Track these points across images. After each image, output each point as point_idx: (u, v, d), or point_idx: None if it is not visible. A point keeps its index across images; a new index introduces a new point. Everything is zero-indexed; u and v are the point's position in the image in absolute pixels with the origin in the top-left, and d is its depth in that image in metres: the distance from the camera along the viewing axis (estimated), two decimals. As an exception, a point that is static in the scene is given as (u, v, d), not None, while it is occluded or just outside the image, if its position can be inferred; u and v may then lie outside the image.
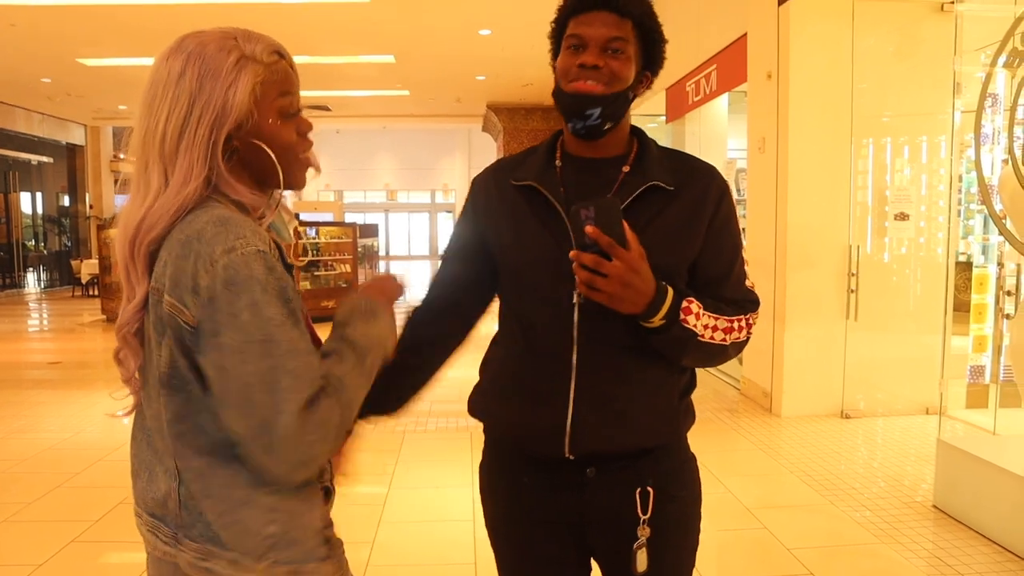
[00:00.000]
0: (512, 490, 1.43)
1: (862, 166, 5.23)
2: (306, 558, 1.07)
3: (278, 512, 1.06)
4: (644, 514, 1.35)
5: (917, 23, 5.06)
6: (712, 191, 1.36)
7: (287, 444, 0.98)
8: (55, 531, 3.37)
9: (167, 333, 1.03)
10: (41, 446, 4.73)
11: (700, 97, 6.96)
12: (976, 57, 3.75)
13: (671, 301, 1.26)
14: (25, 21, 8.61)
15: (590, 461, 1.35)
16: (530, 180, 1.35)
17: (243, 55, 1.07)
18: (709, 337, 1.31)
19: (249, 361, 0.98)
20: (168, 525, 1.08)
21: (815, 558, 3.06)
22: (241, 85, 1.06)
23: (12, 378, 7.18)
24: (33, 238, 17.05)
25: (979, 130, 3.47)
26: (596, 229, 1.18)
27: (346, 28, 8.74)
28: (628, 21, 1.30)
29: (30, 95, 13.52)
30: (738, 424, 5.07)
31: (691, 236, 1.33)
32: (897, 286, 5.28)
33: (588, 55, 1.29)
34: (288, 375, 0.98)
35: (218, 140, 1.05)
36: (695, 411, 1.46)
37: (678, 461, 1.43)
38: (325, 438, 1.01)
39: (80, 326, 10.99)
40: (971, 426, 3.82)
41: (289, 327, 1.00)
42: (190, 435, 1.06)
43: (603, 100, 1.30)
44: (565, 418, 1.31)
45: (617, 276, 1.19)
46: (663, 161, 1.37)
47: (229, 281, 0.98)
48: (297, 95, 1.14)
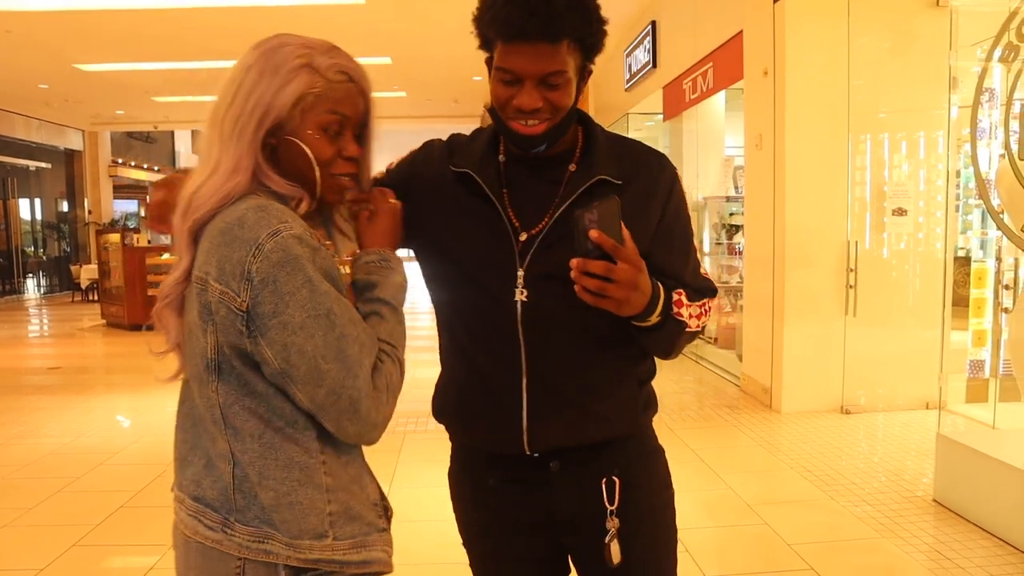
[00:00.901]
0: (478, 494, 1.40)
1: (860, 162, 5.23)
2: (368, 531, 1.13)
3: (336, 491, 1.10)
4: (611, 504, 1.32)
5: (912, 19, 5.07)
6: (662, 181, 1.31)
7: (366, 406, 1.06)
8: (56, 535, 3.37)
9: (212, 320, 1.06)
10: (42, 451, 4.73)
11: (697, 95, 6.96)
12: (972, 52, 3.75)
13: (664, 295, 1.23)
14: (21, 27, 8.61)
15: (553, 455, 1.32)
16: (469, 168, 1.28)
17: (308, 64, 1.11)
18: (694, 326, 1.30)
19: (316, 335, 1.03)
20: (217, 511, 1.10)
21: (816, 553, 3.06)
22: (290, 88, 1.10)
23: (12, 384, 7.18)
24: (32, 244, 17.04)
25: (975, 125, 3.47)
26: (601, 233, 1.11)
27: (342, 30, 8.74)
28: (564, 41, 1.16)
29: (28, 101, 13.52)
30: (738, 420, 5.07)
31: (643, 229, 1.26)
32: (896, 282, 5.29)
33: (525, 96, 1.18)
34: (354, 343, 1.06)
35: (260, 135, 1.11)
36: (657, 399, 1.43)
37: (644, 450, 1.41)
38: (392, 396, 1.10)
39: (80, 331, 10.99)
40: (971, 420, 3.82)
41: (343, 300, 1.08)
42: (244, 419, 1.08)
43: (548, 135, 1.22)
44: (521, 417, 1.28)
45: (626, 280, 1.14)
46: (611, 152, 1.31)
47: (281, 262, 1.03)
48: (353, 119, 1.16)
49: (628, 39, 9.11)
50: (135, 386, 6.93)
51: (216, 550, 1.09)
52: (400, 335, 1.17)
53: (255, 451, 1.08)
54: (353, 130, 1.17)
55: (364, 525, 1.13)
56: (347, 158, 1.17)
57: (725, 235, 7.43)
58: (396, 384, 1.12)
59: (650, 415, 1.41)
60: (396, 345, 1.14)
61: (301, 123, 1.12)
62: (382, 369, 1.10)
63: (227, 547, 1.08)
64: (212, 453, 1.11)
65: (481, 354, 1.31)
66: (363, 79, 1.17)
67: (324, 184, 1.15)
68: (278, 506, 1.07)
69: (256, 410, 1.08)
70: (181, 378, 1.20)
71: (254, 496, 1.08)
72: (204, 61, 10.36)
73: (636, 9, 8.46)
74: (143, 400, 6.30)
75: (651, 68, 8.23)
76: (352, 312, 1.09)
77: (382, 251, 1.22)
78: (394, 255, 1.23)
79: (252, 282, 1.03)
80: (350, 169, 1.18)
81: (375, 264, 1.19)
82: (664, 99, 8.03)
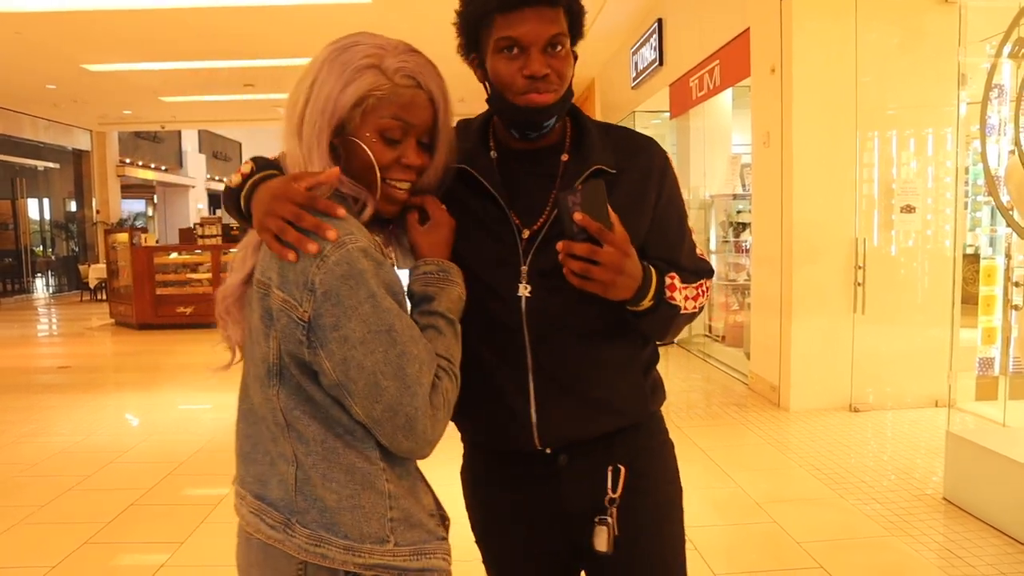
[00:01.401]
0: (489, 491, 1.40)
1: (867, 159, 5.21)
2: (427, 539, 1.12)
3: (397, 499, 1.10)
4: (613, 492, 1.31)
5: (920, 15, 5.04)
6: (655, 167, 1.32)
7: (422, 425, 1.04)
8: (68, 533, 3.39)
9: (274, 326, 1.06)
10: (52, 449, 4.76)
11: (704, 92, 6.95)
12: (981, 48, 3.73)
13: (656, 280, 1.23)
14: (30, 28, 8.65)
15: (562, 449, 1.32)
16: (465, 164, 1.27)
17: (376, 65, 1.10)
18: (690, 308, 1.30)
19: (376, 351, 1.02)
20: (279, 510, 1.09)
21: (825, 551, 3.06)
22: (352, 88, 1.09)
23: (23, 383, 7.22)
24: (41, 244, 17.13)
25: (985, 121, 3.46)
26: (585, 216, 1.12)
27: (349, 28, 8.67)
28: (560, 8, 1.19)
29: (36, 102, 13.58)
30: (746, 419, 5.07)
31: (640, 215, 1.28)
32: (904, 279, 5.27)
33: (534, 63, 1.18)
34: (414, 361, 1.04)
35: (327, 134, 1.10)
36: (663, 385, 1.42)
37: (652, 441, 1.40)
38: (448, 413, 1.10)
39: (89, 330, 11.04)
40: (981, 418, 3.80)
41: (405, 316, 1.07)
42: (305, 423, 1.08)
43: (557, 106, 1.22)
44: (529, 413, 1.28)
45: (611, 263, 1.15)
46: (602, 140, 1.31)
47: (345, 276, 1.01)
48: (417, 126, 1.13)
49: (634, 37, 9.09)
50: (144, 385, 6.97)
51: (277, 549, 1.09)
52: (457, 349, 1.15)
53: (318, 454, 1.07)
54: (418, 138, 1.14)
55: (424, 533, 1.12)
56: (407, 166, 1.14)
57: (732, 233, 7.42)
58: (452, 400, 1.11)
59: (658, 402, 1.40)
60: (453, 360, 1.13)
61: (361, 124, 1.11)
62: (439, 387, 1.08)
63: (288, 547, 1.08)
64: (274, 453, 1.10)
65: (487, 351, 1.29)
66: (434, 86, 1.14)
67: (379, 191, 1.13)
68: (340, 509, 1.07)
69: (318, 416, 1.08)
70: (232, 367, 1.24)
71: (315, 499, 1.07)
72: (211, 61, 10.39)
73: (642, 7, 8.44)
74: (152, 399, 6.33)
75: (657, 66, 8.22)
76: (414, 329, 1.07)
77: (440, 262, 1.18)
78: (453, 266, 1.19)
79: (315, 293, 1.02)
80: (407, 177, 1.15)
81: (433, 275, 1.16)
82: (671, 97, 8.01)
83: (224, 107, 14.61)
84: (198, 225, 11.42)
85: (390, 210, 1.17)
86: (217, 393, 6.45)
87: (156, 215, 21.96)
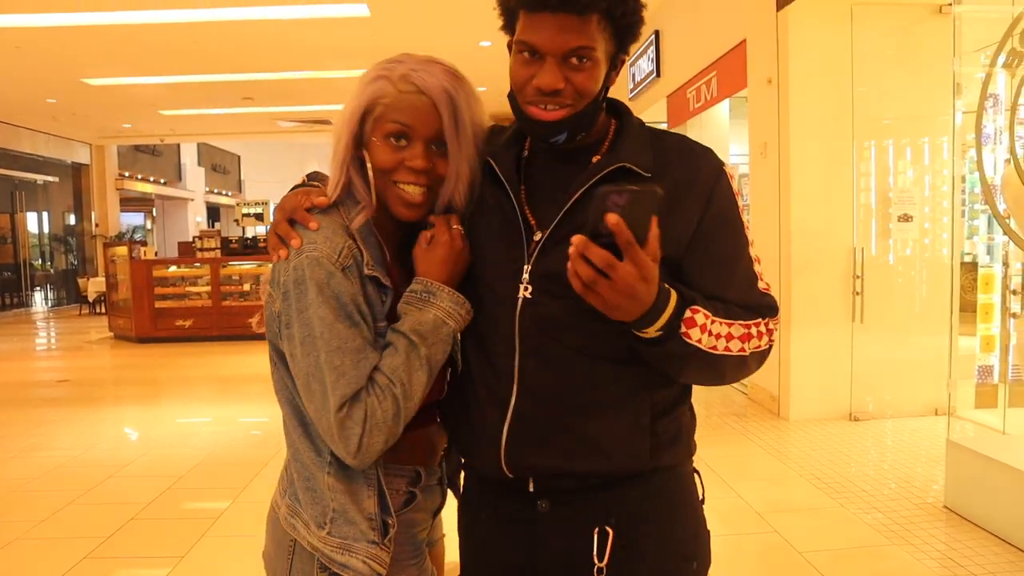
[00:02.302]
0: (474, 525, 1.29)
1: (864, 169, 5.23)
2: (358, 538, 1.17)
3: (337, 492, 1.17)
4: (599, 561, 1.12)
5: (915, 25, 5.08)
6: (702, 178, 1.13)
7: (335, 434, 1.10)
8: (68, 547, 3.38)
9: (266, 317, 1.21)
10: (52, 464, 4.74)
11: (701, 103, 6.98)
12: (976, 58, 3.76)
13: (673, 310, 1.04)
14: (30, 43, 8.69)
15: (541, 491, 1.16)
16: (489, 156, 1.19)
17: (384, 75, 1.16)
18: (724, 348, 1.08)
19: (309, 353, 1.11)
20: (284, 479, 1.26)
21: (827, 561, 3.05)
22: (362, 99, 1.16)
23: (22, 397, 7.20)
24: (40, 257, 17.14)
25: (980, 130, 3.48)
26: (620, 221, 0.93)
27: (347, 42, 8.79)
28: (593, 15, 1.04)
29: (35, 115, 13.62)
30: (746, 429, 5.06)
31: (674, 231, 1.08)
32: (903, 288, 5.28)
33: (545, 75, 1.06)
34: (333, 371, 1.10)
35: (350, 149, 1.19)
36: (690, 435, 1.23)
37: (656, 502, 1.18)
38: (375, 429, 1.10)
39: (88, 344, 11.03)
40: (981, 426, 3.80)
41: (344, 327, 1.11)
42: (284, 406, 1.22)
43: (568, 123, 1.10)
44: (501, 429, 1.13)
45: (624, 284, 0.96)
46: (643, 141, 1.16)
47: (297, 280, 1.13)
48: (419, 130, 1.15)
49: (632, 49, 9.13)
50: (143, 398, 6.95)
51: (276, 517, 1.26)
52: (406, 371, 1.12)
53: (291, 435, 1.21)
54: (425, 142, 1.16)
55: (357, 531, 1.17)
56: (413, 169, 1.16)
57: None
58: (382, 420, 1.10)
59: (674, 457, 1.20)
60: (395, 381, 1.11)
61: (372, 132, 1.18)
62: (363, 402, 1.10)
63: (280, 512, 1.24)
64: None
65: (475, 356, 1.20)
66: (439, 94, 1.14)
67: (385, 192, 1.19)
68: (302, 488, 1.20)
69: (292, 401, 1.20)
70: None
71: (292, 474, 1.22)
72: (210, 74, 10.44)
73: (639, 19, 8.48)
74: (151, 413, 6.32)
75: (655, 77, 8.26)
76: (351, 341, 1.11)
77: (428, 283, 1.17)
78: (441, 289, 1.16)
79: (279, 291, 1.16)
80: (415, 180, 1.17)
81: (415, 295, 1.16)
82: (668, 108, 8.05)
83: (223, 120, 14.67)
84: (197, 238, 11.44)
85: (405, 214, 1.20)
86: (216, 406, 6.44)
87: (155, 228, 21.98)
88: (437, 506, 1.34)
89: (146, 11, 7.60)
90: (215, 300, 10.23)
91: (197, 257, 10.79)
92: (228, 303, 10.15)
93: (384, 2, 7.54)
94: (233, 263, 10.51)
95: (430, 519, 1.33)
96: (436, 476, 1.32)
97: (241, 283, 10.40)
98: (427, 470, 1.28)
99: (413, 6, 7.62)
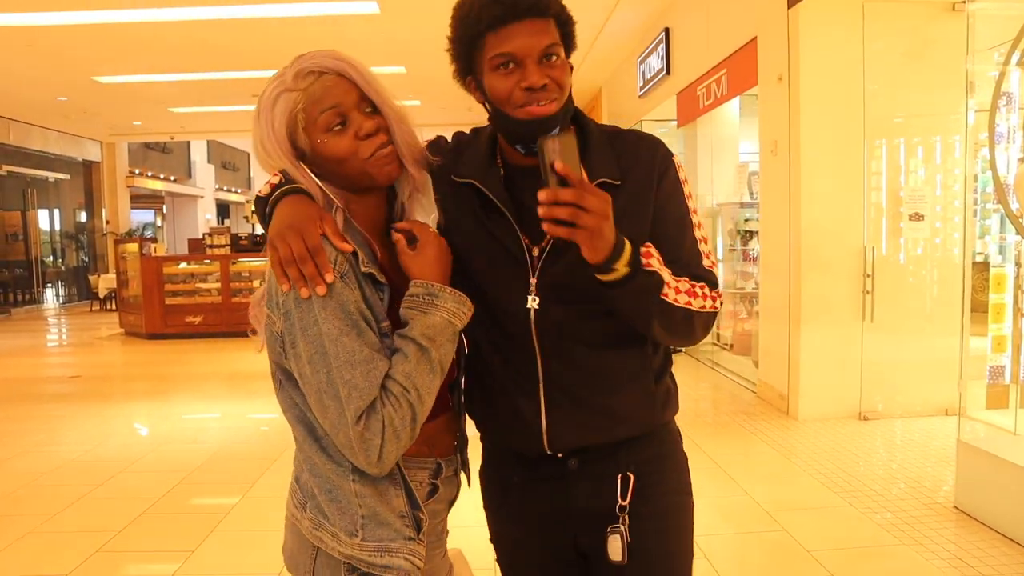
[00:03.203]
0: (504, 490, 1.44)
1: (875, 167, 5.21)
2: (394, 537, 1.18)
3: (364, 497, 1.17)
4: (623, 500, 1.33)
5: (928, 23, 5.05)
6: (654, 169, 1.29)
7: (355, 447, 1.10)
8: (79, 542, 3.41)
9: (267, 339, 1.20)
10: (63, 459, 4.78)
11: (711, 101, 6.96)
12: (989, 56, 3.73)
13: (631, 246, 1.17)
14: (42, 41, 8.74)
15: (572, 454, 1.34)
16: (475, 179, 1.28)
17: (283, 88, 1.17)
18: (673, 299, 1.21)
19: (319, 371, 1.11)
20: (301, 492, 1.25)
21: (836, 560, 3.04)
22: (277, 120, 1.17)
23: (33, 392, 7.26)
24: (51, 254, 17.24)
25: (993, 129, 3.46)
26: (565, 164, 1.09)
27: (356, 40, 8.81)
28: (551, 17, 1.20)
29: (47, 114, 13.70)
30: (755, 427, 5.05)
31: (642, 217, 1.27)
32: (913, 287, 5.25)
33: (531, 74, 1.18)
34: (345, 386, 1.09)
35: (297, 164, 1.19)
36: (676, 395, 1.41)
37: (663, 451, 1.40)
38: (394, 437, 1.11)
39: (99, 340, 11.10)
40: (991, 427, 3.78)
41: (350, 339, 1.10)
42: (295, 424, 1.22)
43: (559, 118, 1.22)
44: (540, 420, 1.30)
45: (597, 208, 1.10)
46: (606, 150, 1.30)
47: (298, 299, 1.11)
48: (346, 102, 1.17)
49: (642, 46, 9.12)
50: (153, 394, 6.99)
51: (298, 527, 1.23)
52: (420, 376, 1.14)
53: (305, 451, 1.21)
54: (359, 110, 1.18)
55: (392, 531, 1.17)
56: (366, 136, 1.18)
57: (740, 241, 7.42)
58: (400, 427, 1.11)
59: (670, 412, 1.40)
60: (409, 388, 1.12)
61: (310, 138, 1.18)
62: (377, 412, 1.10)
63: (301, 526, 1.22)
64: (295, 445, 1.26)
65: (500, 361, 1.34)
66: (337, 66, 1.18)
67: (364, 171, 1.19)
68: (326, 501, 1.19)
69: (303, 418, 1.20)
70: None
71: (311, 489, 1.21)
72: (220, 72, 10.47)
73: (649, 16, 8.47)
74: (161, 408, 6.35)
75: (665, 75, 8.24)
76: (359, 353, 1.10)
77: (429, 285, 1.18)
78: (443, 290, 1.19)
79: (280, 311, 1.15)
80: (377, 142, 1.19)
81: (418, 299, 1.17)
82: (678, 106, 8.03)
83: (233, 117, 14.70)
84: (207, 235, 11.49)
85: (391, 173, 1.23)
86: (226, 402, 6.47)
87: (165, 225, 22.09)
88: (453, 496, 1.37)
89: (157, 9, 7.63)
90: (225, 297, 10.28)
91: (207, 254, 10.84)
92: (238, 300, 10.19)
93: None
94: (243, 260, 10.56)
95: (447, 509, 1.36)
96: (454, 466, 1.34)
97: (251, 280, 10.44)
98: (446, 461, 1.31)
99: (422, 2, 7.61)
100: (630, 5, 8.00)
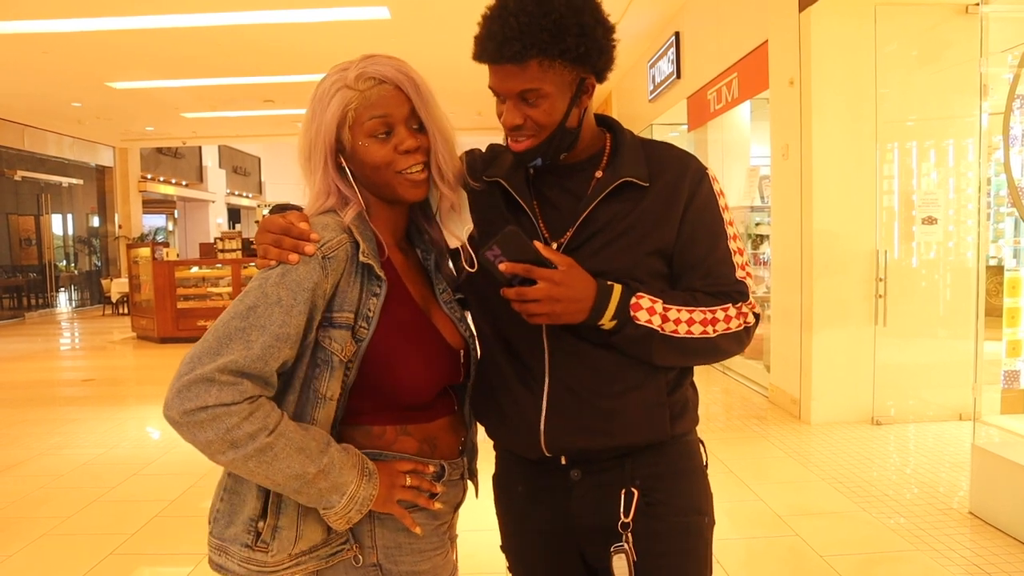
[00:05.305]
0: (510, 499, 1.44)
1: (888, 171, 5.18)
2: (232, 540, 1.19)
3: (227, 492, 1.22)
4: (625, 516, 1.29)
5: (941, 26, 5.03)
6: (687, 178, 1.30)
7: (177, 387, 1.07)
8: (93, 544, 3.43)
9: None
10: (77, 461, 4.81)
11: (722, 105, 6.95)
12: (1003, 59, 3.72)
13: (618, 299, 1.21)
14: (56, 48, 8.82)
15: (574, 463, 1.32)
16: (499, 177, 1.32)
17: (342, 85, 1.19)
18: (685, 332, 1.24)
19: (234, 317, 1.10)
20: None
21: (850, 565, 3.03)
22: (330, 113, 1.19)
23: (47, 396, 7.31)
24: (64, 259, 17.35)
25: (1008, 132, 3.44)
26: (509, 264, 1.18)
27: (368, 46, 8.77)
28: (532, 61, 1.17)
29: (61, 119, 13.82)
30: (767, 431, 5.03)
31: (663, 227, 1.27)
32: (926, 291, 5.22)
33: (508, 114, 1.24)
34: (241, 342, 1.08)
35: (328, 161, 1.21)
36: (695, 407, 1.38)
37: (674, 466, 1.35)
38: (212, 422, 1.06)
39: (111, 344, 11.16)
40: (1006, 431, 3.76)
41: (281, 311, 1.10)
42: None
43: (539, 150, 1.26)
44: (539, 415, 1.29)
45: (545, 296, 1.18)
46: (638, 155, 1.31)
47: (267, 268, 1.16)
48: (397, 116, 1.20)
49: (652, 50, 9.12)
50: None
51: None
52: (284, 448, 1.10)
53: None
54: (406, 125, 1.21)
55: (232, 534, 1.20)
56: (406, 152, 1.21)
57: (751, 245, 7.40)
58: (223, 427, 1.07)
59: (685, 425, 1.35)
60: (258, 432, 1.08)
61: (354, 137, 1.20)
62: (227, 395, 1.06)
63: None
64: None
65: (508, 359, 1.34)
66: (397, 77, 1.20)
67: (390, 184, 1.22)
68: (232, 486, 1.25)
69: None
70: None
71: None
72: (231, 77, 10.54)
73: (660, 20, 8.48)
74: (174, 412, 6.37)
75: (675, 79, 8.24)
76: (276, 326, 1.09)
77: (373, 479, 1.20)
78: (370, 501, 1.19)
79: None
80: (415, 160, 1.22)
81: (368, 471, 1.20)
82: (688, 109, 8.02)
83: (244, 122, 14.80)
84: (218, 239, 11.55)
85: (415, 194, 1.25)
86: (238, 406, 6.49)
87: (177, 230, 22.20)
88: (459, 500, 1.36)
89: (169, 15, 7.69)
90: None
91: (218, 258, 10.89)
92: (249, 304, 10.20)
93: (405, 5, 7.57)
94: (254, 264, 10.56)
95: (451, 513, 1.35)
96: (459, 471, 1.34)
97: (262, 284, 10.45)
98: (450, 464, 1.31)
99: (433, 9, 7.64)
100: (641, 9, 8.01)
